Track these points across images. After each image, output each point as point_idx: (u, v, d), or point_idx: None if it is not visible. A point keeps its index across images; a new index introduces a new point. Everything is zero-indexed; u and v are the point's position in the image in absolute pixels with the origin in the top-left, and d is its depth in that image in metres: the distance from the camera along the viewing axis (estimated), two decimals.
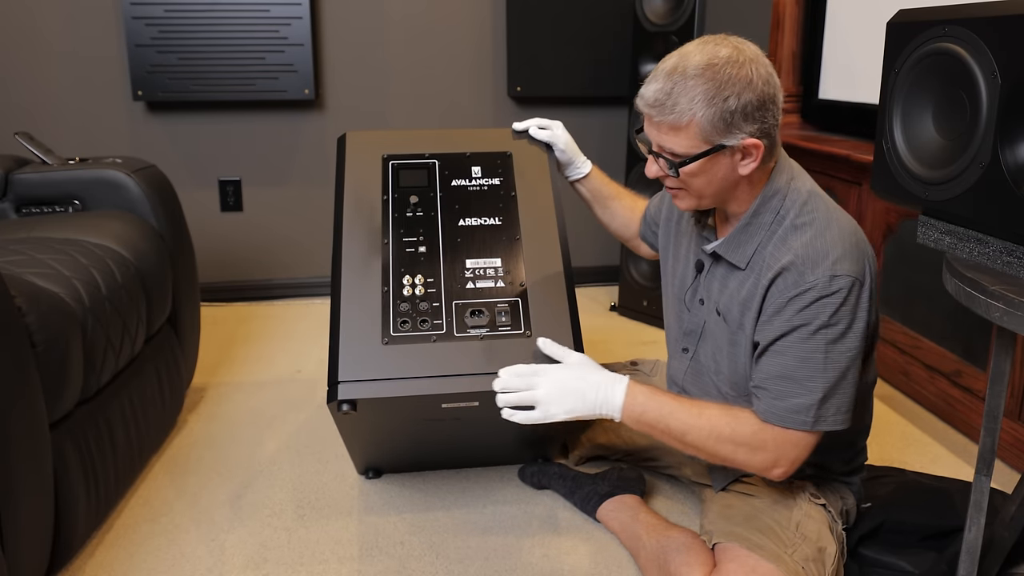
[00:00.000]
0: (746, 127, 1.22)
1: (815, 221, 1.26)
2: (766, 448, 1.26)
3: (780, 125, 1.27)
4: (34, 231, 1.76)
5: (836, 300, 1.21)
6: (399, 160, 1.64)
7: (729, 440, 1.27)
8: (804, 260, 1.23)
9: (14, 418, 1.22)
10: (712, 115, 1.20)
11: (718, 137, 1.22)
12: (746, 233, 1.32)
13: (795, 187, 1.31)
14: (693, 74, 1.20)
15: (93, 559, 1.52)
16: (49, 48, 2.82)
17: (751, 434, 1.27)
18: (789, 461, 1.27)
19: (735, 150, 1.24)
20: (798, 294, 1.22)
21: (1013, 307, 1.00)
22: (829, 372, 1.23)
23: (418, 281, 1.50)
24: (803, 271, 1.22)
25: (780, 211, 1.30)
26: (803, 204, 1.29)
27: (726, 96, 1.19)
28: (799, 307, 1.22)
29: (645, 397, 1.30)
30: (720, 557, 1.31)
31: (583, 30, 2.99)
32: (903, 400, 2.23)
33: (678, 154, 1.26)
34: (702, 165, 1.26)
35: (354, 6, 2.95)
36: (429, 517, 1.66)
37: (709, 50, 1.22)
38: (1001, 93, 1.03)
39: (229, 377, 2.37)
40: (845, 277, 1.20)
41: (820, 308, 1.21)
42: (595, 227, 1.82)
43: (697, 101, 1.20)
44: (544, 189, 1.63)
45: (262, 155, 3.03)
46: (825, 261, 1.21)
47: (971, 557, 1.21)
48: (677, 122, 1.22)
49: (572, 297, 1.52)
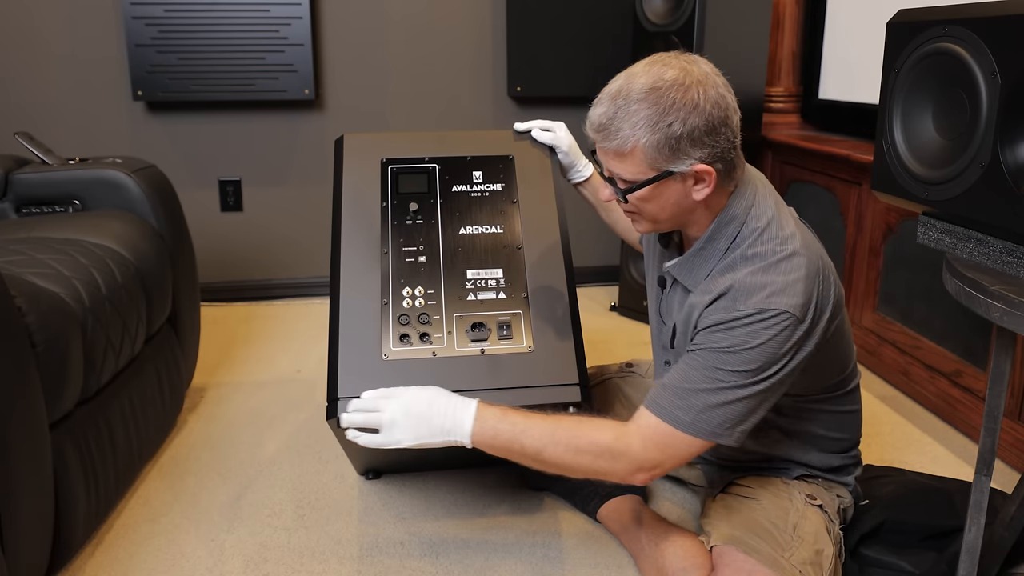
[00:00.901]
0: (694, 152, 1.17)
1: (765, 254, 1.21)
2: (627, 453, 1.22)
3: (736, 146, 1.22)
4: (34, 231, 1.76)
5: (757, 329, 1.16)
6: (398, 164, 1.61)
7: (588, 450, 1.22)
8: (739, 290, 1.19)
9: (14, 418, 1.22)
10: (657, 141, 1.16)
11: (664, 163, 1.18)
12: (700, 257, 1.29)
13: (754, 215, 1.25)
14: (636, 98, 1.16)
15: (93, 559, 1.52)
16: (49, 48, 2.82)
17: (613, 439, 1.22)
18: (650, 465, 1.22)
19: (685, 176, 1.20)
20: (724, 320, 1.18)
21: (1013, 307, 1.00)
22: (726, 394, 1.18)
23: (418, 293, 1.48)
24: (736, 299, 1.19)
25: (736, 238, 1.25)
26: (759, 234, 1.23)
27: (670, 122, 1.15)
28: (723, 332, 1.18)
29: (496, 419, 1.24)
30: (717, 561, 1.31)
31: (583, 30, 2.99)
32: (903, 400, 2.23)
33: (626, 180, 1.23)
34: (651, 191, 1.22)
35: (354, 6, 2.95)
36: (429, 517, 1.66)
37: (655, 72, 1.18)
38: (1001, 93, 1.03)
39: (229, 377, 2.37)
40: (774, 311, 1.16)
41: (741, 332, 1.17)
42: (596, 227, 1.82)
43: (640, 127, 1.16)
44: (547, 195, 1.60)
45: (262, 155, 3.03)
46: (760, 293, 1.17)
47: (971, 557, 1.21)
48: (621, 148, 1.19)
49: (575, 309, 1.50)
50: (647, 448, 1.22)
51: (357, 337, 1.43)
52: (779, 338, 1.16)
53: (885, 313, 2.34)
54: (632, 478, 1.24)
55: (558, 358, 1.44)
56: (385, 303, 1.47)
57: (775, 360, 1.17)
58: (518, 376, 1.41)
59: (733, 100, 1.21)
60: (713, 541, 1.34)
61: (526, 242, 1.55)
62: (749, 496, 1.42)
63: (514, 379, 1.41)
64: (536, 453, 1.24)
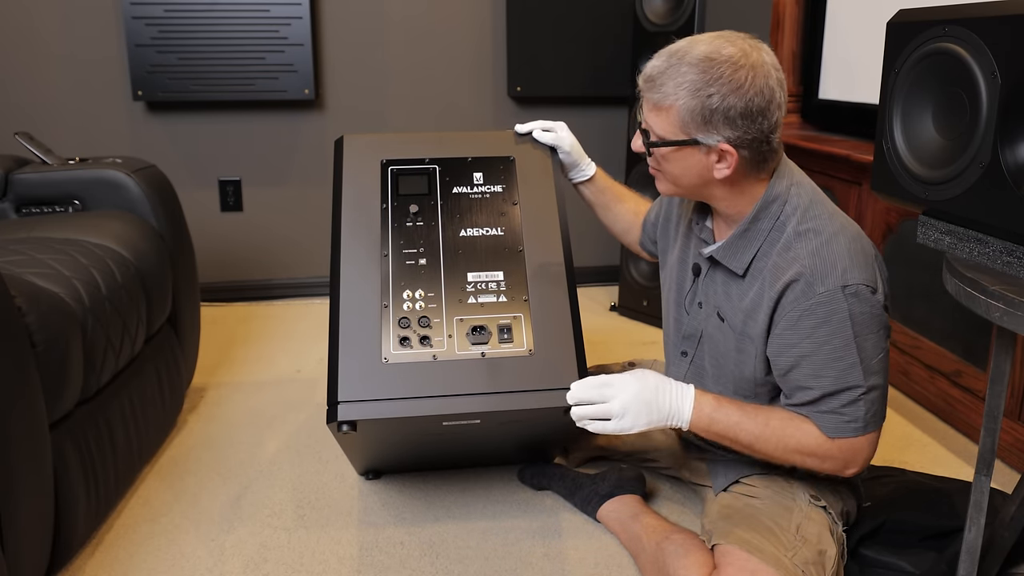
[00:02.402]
0: (724, 130, 1.21)
1: (820, 229, 1.25)
2: (833, 456, 1.29)
3: (771, 141, 1.24)
4: (34, 231, 1.76)
5: (854, 312, 1.21)
6: (398, 165, 1.61)
7: (796, 451, 1.29)
8: (813, 271, 1.22)
9: (14, 418, 1.22)
10: (693, 106, 1.20)
11: (694, 130, 1.22)
12: (744, 239, 1.31)
13: (796, 192, 1.29)
14: (689, 61, 1.21)
15: (93, 559, 1.52)
16: (49, 48, 2.82)
17: (816, 445, 1.29)
18: (858, 463, 1.30)
19: (710, 150, 1.24)
20: (810, 308, 1.22)
21: (1013, 307, 1.00)
22: (867, 378, 1.24)
23: (418, 296, 1.48)
24: (812, 282, 1.22)
25: (780, 217, 1.28)
26: (805, 211, 1.27)
27: (710, 93, 1.19)
28: (816, 322, 1.22)
29: (711, 408, 1.30)
30: (719, 560, 1.31)
31: (583, 30, 2.99)
32: (903, 400, 2.23)
33: (656, 134, 1.27)
34: (675, 153, 1.27)
35: (354, 6, 2.95)
36: (429, 517, 1.66)
37: (717, 44, 1.21)
38: (1001, 93, 1.03)
39: (229, 377, 2.37)
40: (855, 287, 1.21)
41: (840, 324, 1.21)
42: (596, 227, 1.82)
43: (683, 88, 1.20)
44: (547, 196, 1.60)
45: (262, 155, 3.03)
46: (834, 272, 1.21)
47: (971, 557, 1.21)
48: (660, 102, 1.24)
49: (575, 312, 1.50)
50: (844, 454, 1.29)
51: (357, 340, 1.43)
52: (866, 310, 1.22)
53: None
54: (843, 473, 1.32)
55: (559, 362, 1.44)
56: (385, 306, 1.46)
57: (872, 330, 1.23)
58: (519, 380, 1.41)
59: (782, 96, 1.24)
60: (715, 540, 1.34)
61: (527, 244, 1.54)
62: (752, 496, 1.42)
63: (514, 383, 1.41)
64: (749, 445, 1.31)
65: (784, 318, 1.26)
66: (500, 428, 1.51)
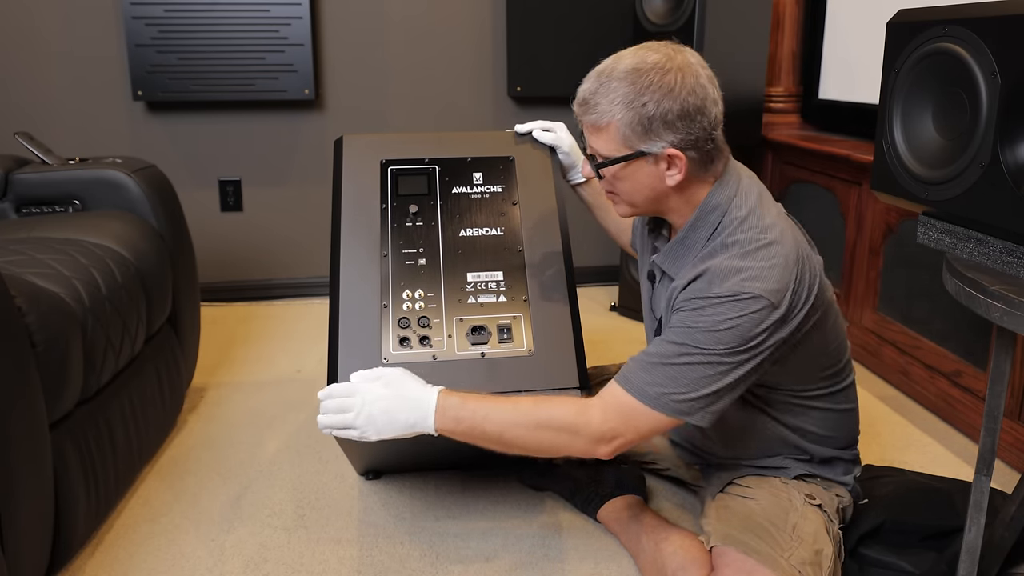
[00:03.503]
0: (667, 136, 1.21)
1: (745, 242, 1.23)
2: (589, 425, 1.22)
3: (714, 138, 1.24)
4: (34, 231, 1.76)
5: (730, 309, 1.17)
6: (398, 166, 1.61)
7: (547, 426, 1.23)
8: (715, 272, 1.21)
9: (14, 418, 1.22)
10: (631, 119, 1.21)
11: (637, 142, 1.22)
12: (682, 246, 1.31)
13: (736, 204, 1.27)
14: (618, 77, 1.22)
15: (93, 559, 1.52)
16: (49, 48, 2.82)
17: (573, 415, 1.23)
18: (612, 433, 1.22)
19: (658, 158, 1.23)
20: (698, 298, 1.21)
21: (1013, 307, 1.00)
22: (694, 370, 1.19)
23: (418, 295, 1.48)
24: (711, 281, 1.21)
25: (718, 227, 1.27)
26: (740, 223, 1.25)
27: (644, 101, 1.19)
28: (696, 307, 1.20)
29: (456, 409, 1.25)
30: (717, 561, 1.31)
31: (583, 30, 3.00)
32: (903, 400, 2.23)
33: (602, 155, 1.27)
34: (624, 171, 1.26)
35: (354, 6, 2.95)
36: (429, 518, 1.66)
37: (640, 55, 1.23)
38: (1001, 93, 1.03)
39: (229, 377, 2.37)
40: (748, 295, 1.17)
41: (714, 312, 1.18)
42: (596, 227, 1.82)
43: (617, 103, 1.21)
44: (547, 196, 1.60)
45: (262, 155, 3.03)
46: (735, 277, 1.19)
47: (971, 557, 1.21)
48: (598, 122, 1.24)
49: (575, 312, 1.50)
50: (607, 419, 1.23)
51: (357, 341, 1.43)
52: (751, 320, 1.17)
53: (885, 313, 2.34)
54: (594, 451, 1.24)
55: (558, 362, 1.44)
56: (385, 306, 1.46)
57: (745, 342, 1.18)
58: (518, 380, 1.41)
59: (715, 92, 1.23)
60: (713, 541, 1.34)
61: (527, 244, 1.55)
62: (748, 496, 1.42)
63: (514, 383, 1.41)
64: (498, 436, 1.25)
65: (677, 303, 1.25)
66: None
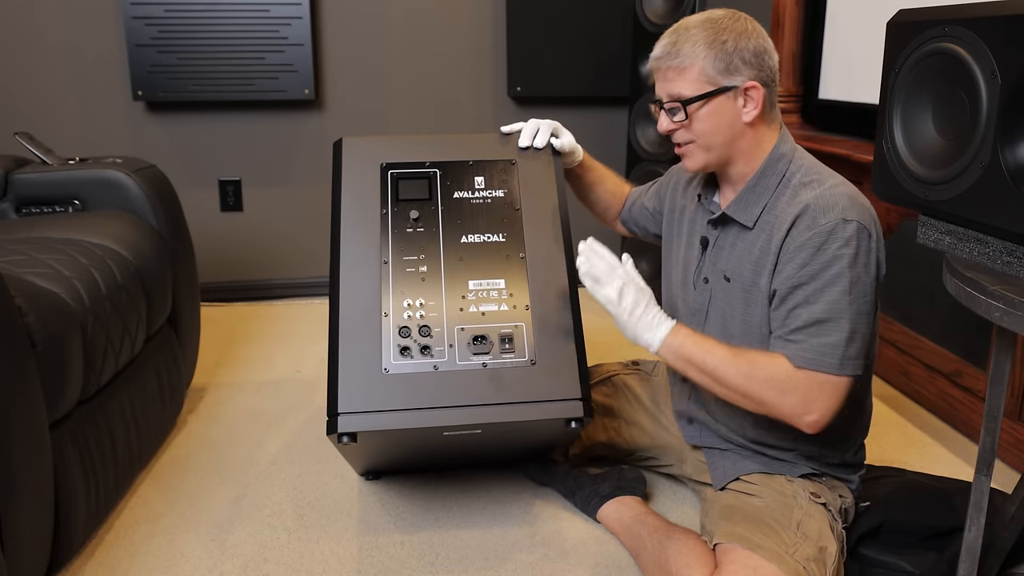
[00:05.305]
0: (746, 70, 1.33)
1: (822, 180, 1.35)
2: (796, 391, 1.29)
3: (776, 82, 1.37)
4: (34, 231, 1.76)
5: (851, 246, 1.27)
6: (398, 169, 1.58)
7: (761, 379, 1.30)
8: (816, 207, 1.31)
9: (14, 418, 1.22)
10: (713, 56, 1.33)
11: (720, 78, 1.33)
12: (754, 193, 1.40)
13: (800, 154, 1.41)
14: (695, 25, 1.35)
15: (93, 559, 1.52)
16: (49, 48, 2.82)
17: (784, 375, 1.29)
18: (819, 409, 1.29)
19: (737, 93, 1.34)
20: (812, 236, 1.29)
21: (1013, 307, 1.00)
22: (852, 312, 1.28)
23: (419, 304, 1.46)
24: (816, 215, 1.30)
25: (786, 174, 1.38)
26: (808, 168, 1.38)
27: (724, 39, 1.33)
28: (813, 250, 1.29)
29: (686, 333, 1.36)
30: (721, 558, 1.31)
31: (583, 30, 2.99)
32: (903, 400, 2.23)
33: (685, 96, 1.35)
34: (708, 109, 1.35)
35: (354, 6, 2.95)
36: (429, 518, 1.66)
37: (708, 13, 1.38)
38: (1001, 93, 1.03)
39: (229, 377, 2.37)
40: (855, 224, 1.27)
41: (837, 253, 1.27)
42: (599, 230, 1.83)
43: (699, 45, 1.33)
44: (550, 200, 1.57)
45: (262, 155, 3.03)
46: (836, 208, 1.29)
47: (971, 557, 1.21)
48: (681, 64, 1.35)
49: (578, 321, 1.49)
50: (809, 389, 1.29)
51: (357, 351, 1.41)
52: (863, 249, 1.28)
53: (885, 313, 2.34)
54: (801, 420, 1.30)
55: (561, 372, 1.43)
56: (385, 315, 1.45)
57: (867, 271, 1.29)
58: (520, 391, 1.41)
59: (773, 47, 1.38)
60: (717, 539, 1.35)
61: (529, 251, 1.53)
62: (752, 494, 1.42)
63: (516, 394, 1.40)
64: (713, 371, 1.34)
65: (788, 250, 1.33)
66: (501, 437, 1.51)
